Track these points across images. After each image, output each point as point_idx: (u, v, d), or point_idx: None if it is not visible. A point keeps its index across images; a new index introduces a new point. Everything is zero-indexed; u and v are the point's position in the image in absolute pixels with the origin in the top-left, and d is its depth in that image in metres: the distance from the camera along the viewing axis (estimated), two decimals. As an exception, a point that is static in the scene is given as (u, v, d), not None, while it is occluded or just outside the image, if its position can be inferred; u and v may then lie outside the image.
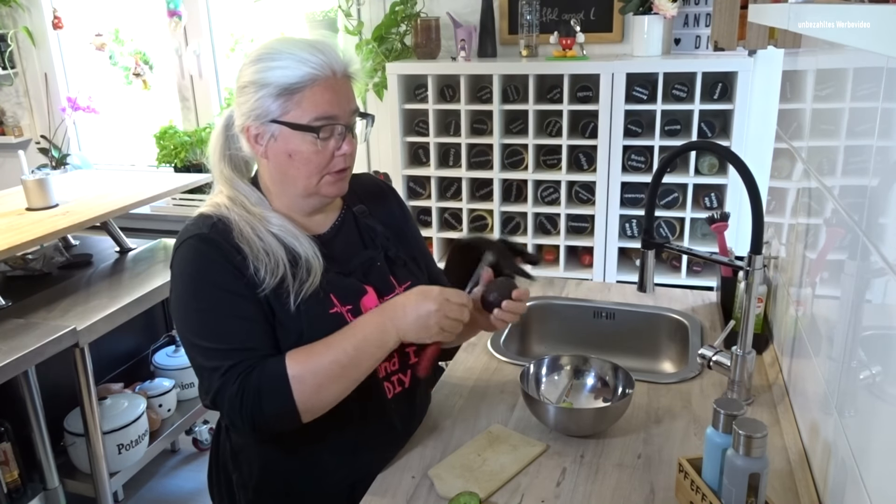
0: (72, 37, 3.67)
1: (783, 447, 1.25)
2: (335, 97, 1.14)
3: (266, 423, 1.11)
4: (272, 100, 1.13)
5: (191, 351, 1.16)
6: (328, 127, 1.14)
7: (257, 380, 1.09)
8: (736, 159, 1.25)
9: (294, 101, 1.13)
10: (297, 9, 3.16)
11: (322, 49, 1.14)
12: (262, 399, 1.09)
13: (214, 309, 1.14)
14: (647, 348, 1.82)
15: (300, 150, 1.15)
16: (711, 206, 2.55)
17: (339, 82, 1.15)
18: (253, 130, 1.16)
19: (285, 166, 1.18)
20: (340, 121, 1.15)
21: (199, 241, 1.16)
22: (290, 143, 1.15)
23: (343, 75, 1.16)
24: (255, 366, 1.11)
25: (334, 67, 1.14)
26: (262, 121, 1.15)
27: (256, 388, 1.09)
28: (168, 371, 2.69)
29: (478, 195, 2.82)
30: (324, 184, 1.19)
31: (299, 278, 1.16)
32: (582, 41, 2.60)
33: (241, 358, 1.11)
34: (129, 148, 3.79)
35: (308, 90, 1.12)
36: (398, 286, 1.28)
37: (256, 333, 1.14)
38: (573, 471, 1.21)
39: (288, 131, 1.14)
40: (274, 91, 1.13)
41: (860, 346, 0.91)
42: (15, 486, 2.08)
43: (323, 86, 1.13)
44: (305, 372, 1.10)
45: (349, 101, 1.17)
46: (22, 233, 2.11)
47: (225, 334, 1.13)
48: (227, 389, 1.10)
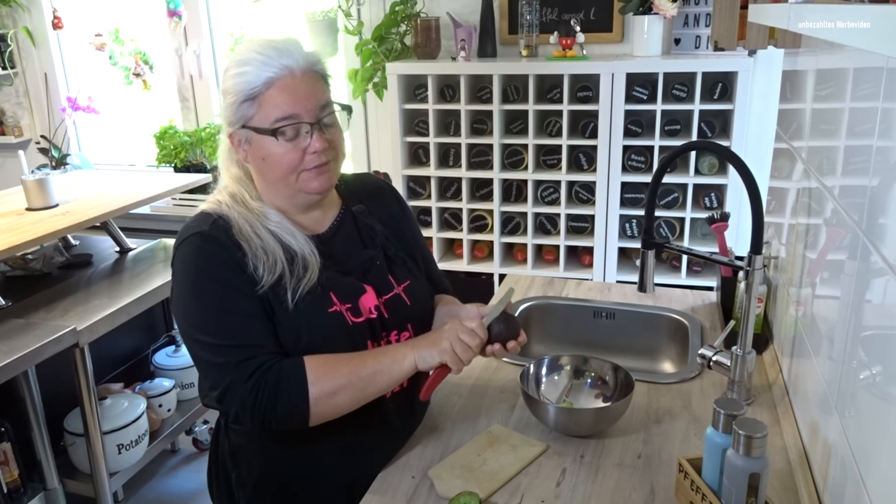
0: (72, 37, 3.67)
1: (783, 447, 1.25)
2: (293, 96, 1.14)
3: (276, 420, 1.12)
4: (239, 106, 1.16)
5: (194, 347, 1.16)
6: (291, 127, 1.15)
7: (275, 378, 1.11)
8: (736, 159, 1.25)
9: (256, 105, 1.15)
10: (297, 9, 3.16)
11: (281, 50, 1.15)
12: (279, 398, 1.10)
13: (219, 305, 1.14)
14: (647, 348, 1.82)
15: (271, 152, 1.16)
16: (711, 206, 2.54)
17: (298, 81, 1.15)
18: (235, 137, 1.19)
19: (263, 169, 1.20)
20: (303, 119, 1.15)
21: (200, 238, 1.17)
22: (262, 147, 1.17)
23: (304, 73, 1.16)
24: (269, 363, 1.12)
25: (292, 67, 1.14)
26: (235, 127, 1.18)
27: (274, 386, 1.10)
28: (168, 371, 2.69)
29: (478, 195, 2.82)
30: (303, 181, 1.19)
31: (296, 275, 1.17)
32: (582, 41, 2.60)
33: (252, 354, 1.12)
34: (129, 148, 3.79)
35: (266, 93, 1.14)
36: (397, 285, 1.29)
37: (262, 330, 1.15)
38: (573, 471, 1.21)
39: (256, 136, 1.16)
40: (241, 98, 1.15)
41: (860, 346, 0.91)
42: (15, 486, 2.08)
43: (279, 87, 1.14)
44: (324, 377, 1.12)
45: (313, 98, 1.16)
46: (22, 233, 2.11)
47: (231, 330, 1.13)
48: (239, 385, 1.11)
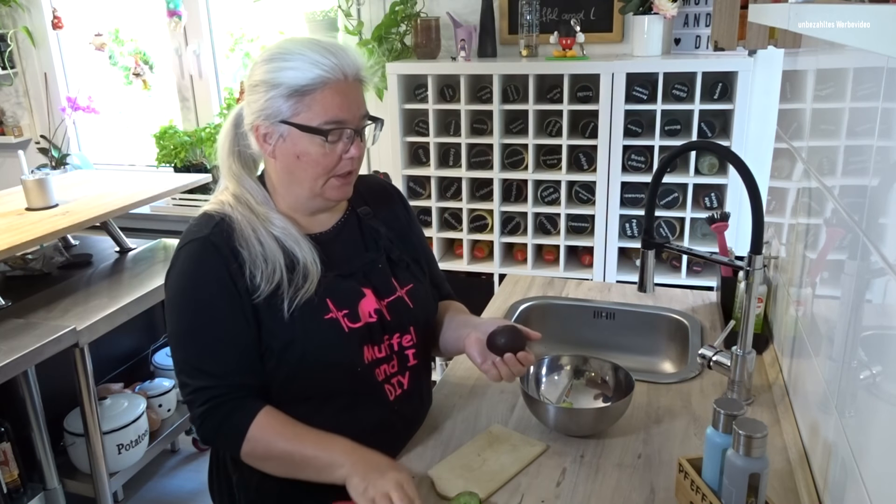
0: (72, 37, 3.67)
1: (783, 447, 1.25)
2: (345, 101, 1.14)
3: (214, 447, 1.27)
4: (283, 100, 1.13)
5: (171, 350, 1.24)
6: (337, 130, 1.15)
7: (221, 418, 1.16)
8: (736, 159, 1.25)
9: (305, 102, 1.13)
10: (297, 9, 3.16)
11: (334, 52, 1.14)
12: (217, 437, 1.20)
13: (197, 325, 1.18)
14: (647, 348, 1.81)
15: (308, 151, 1.15)
16: (711, 206, 2.54)
17: (349, 86, 1.15)
18: (262, 129, 1.17)
19: (293, 167, 1.18)
20: (350, 125, 1.15)
21: (199, 245, 1.17)
22: (298, 145, 1.15)
23: (354, 79, 1.16)
24: (222, 398, 1.16)
25: (346, 71, 1.14)
26: (272, 121, 1.15)
27: (217, 425, 1.16)
28: (168, 371, 2.69)
29: (478, 195, 2.82)
30: (329, 187, 1.20)
31: (295, 284, 1.17)
32: (582, 41, 2.60)
33: (210, 383, 1.16)
34: (129, 148, 3.79)
35: (319, 93, 1.13)
36: (400, 288, 1.29)
37: (232, 359, 1.17)
38: (573, 471, 1.21)
39: (297, 132, 1.14)
40: (285, 91, 1.13)
41: (860, 346, 0.90)
42: (15, 486, 2.09)
43: (334, 89, 1.13)
44: (262, 440, 1.15)
45: (359, 106, 1.17)
46: (22, 233, 2.10)
47: (200, 353, 1.17)
48: (193, 406, 1.18)
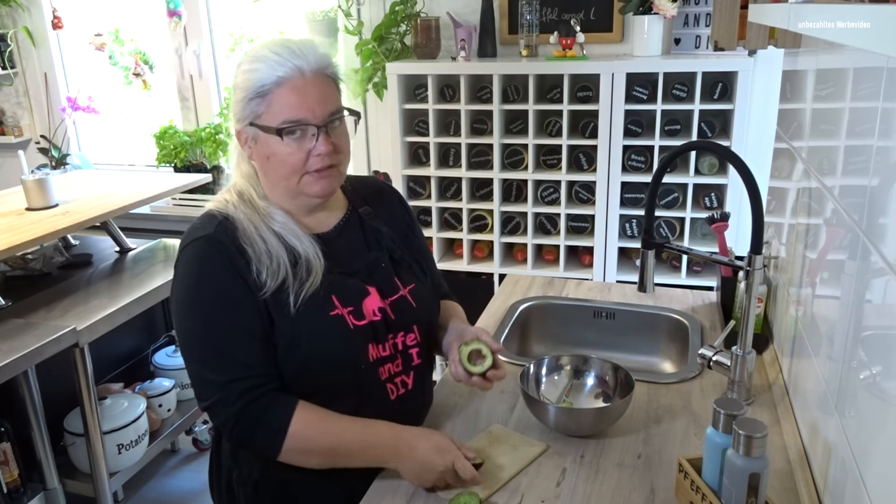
0: (72, 37, 3.67)
1: (783, 447, 1.25)
2: (301, 99, 1.13)
3: (250, 447, 1.19)
4: (248, 103, 1.15)
5: (186, 353, 1.18)
6: (296, 129, 1.14)
7: (259, 413, 1.12)
8: (736, 159, 1.25)
9: (265, 103, 1.14)
10: (297, 9, 3.16)
11: (295, 50, 1.14)
12: (255, 436, 1.14)
13: (215, 317, 1.15)
14: (647, 348, 1.82)
15: (276, 152, 1.16)
16: (711, 206, 2.54)
17: (308, 83, 1.14)
18: (242, 134, 1.19)
19: (266, 167, 1.20)
20: (310, 122, 1.14)
21: (204, 243, 1.17)
22: (267, 146, 1.17)
23: (315, 75, 1.15)
24: (259, 391, 1.13)
25: (303, 69, 1.13)
26: (243, 124, 1.17)
27: (255, 421, 1.12)
28: (168, 371, 2.69)
29: (478, 195, 2.82)
30: (304, 183, 1.19)
31: (299, 278, 1.17)
32: (582, 41, 2.60)
33: (242, 374, 1.13)
34: (129, 148, 3.79)
35: (275, 93, 1.13)
36: (402, 288, 1.29)
37: (258, 350, 1.15)
38: (573, 471, 1.21)
39: (263, 133, 1.16)
40: (250, 94, 1.14)
41: (860, 346, 0.90)
42: (15, 486, 2.08)
43: (288, 88, 1.13)
44: (304, 436, 1.13)
45: (322, 102, 1.15)
46: (22, 233, 2.10)
47: (224, 345, 1.14)
48: (224, 405, 1.12)
